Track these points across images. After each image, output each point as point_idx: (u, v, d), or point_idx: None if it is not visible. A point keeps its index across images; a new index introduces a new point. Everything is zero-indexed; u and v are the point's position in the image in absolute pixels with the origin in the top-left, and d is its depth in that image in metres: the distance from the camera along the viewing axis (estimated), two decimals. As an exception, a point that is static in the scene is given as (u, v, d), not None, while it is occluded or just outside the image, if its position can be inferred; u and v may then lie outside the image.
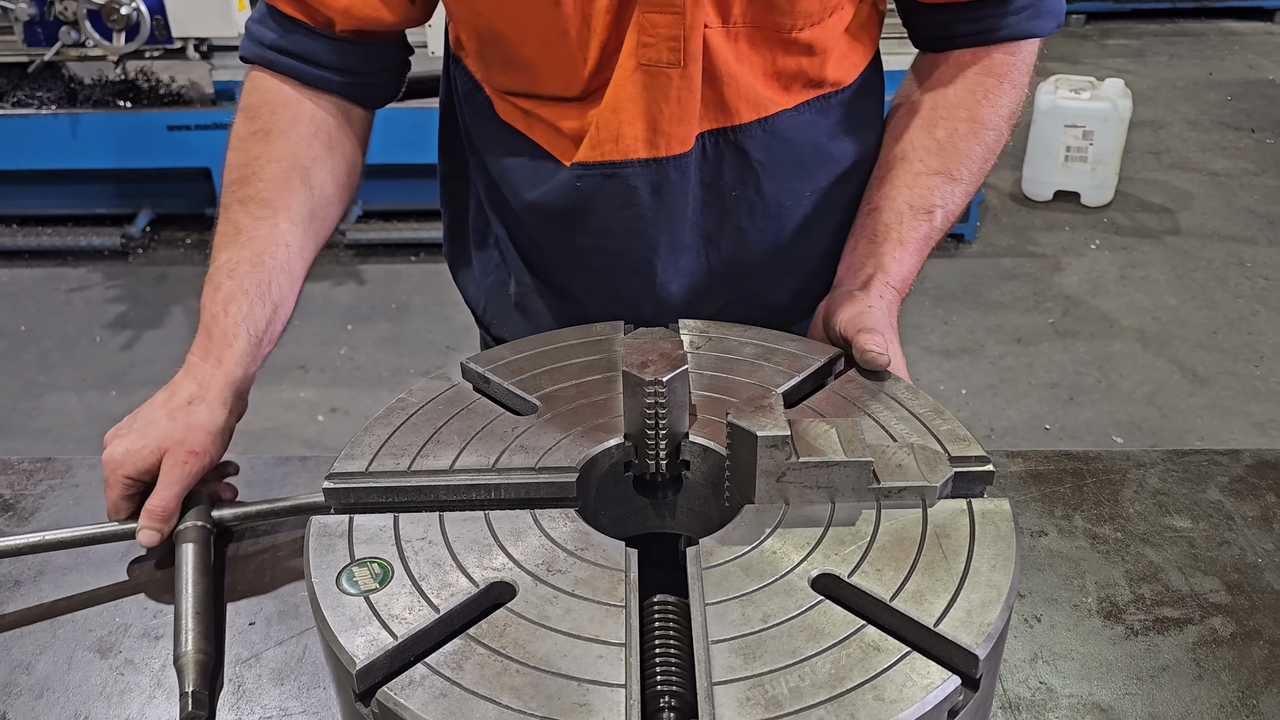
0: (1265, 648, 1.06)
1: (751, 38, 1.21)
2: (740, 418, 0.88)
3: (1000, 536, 0.85)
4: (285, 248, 1.24)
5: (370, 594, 0.81)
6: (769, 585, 0.81)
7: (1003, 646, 0.82)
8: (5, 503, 1.31)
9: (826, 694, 0.72)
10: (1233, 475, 1.32)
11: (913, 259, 1.26)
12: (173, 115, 4.72)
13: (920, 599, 0.79)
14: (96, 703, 1.03)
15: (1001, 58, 1.30)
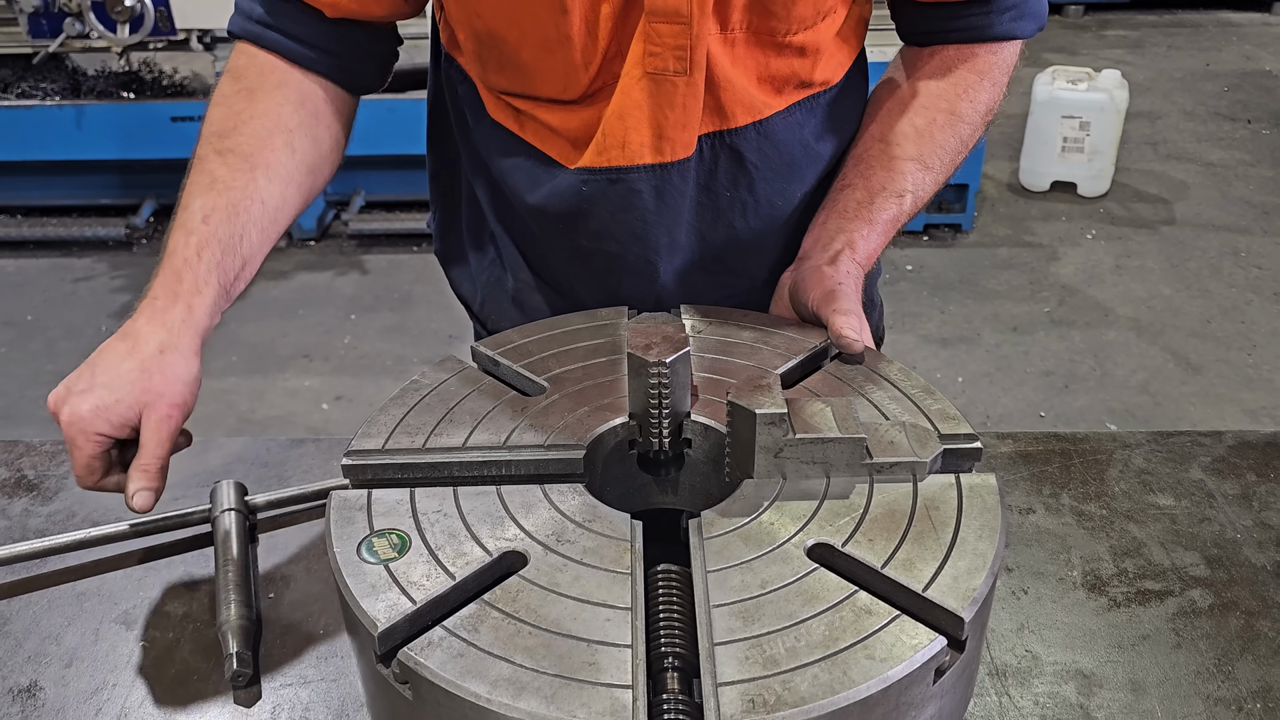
0: (1241, 618, 1.11)
1: (747, 42, 1.24)
2: (740, 397, 0.92)
3: (986, 508, 0.89)
4: (261, 204, 1.21)
5: (389, 563, 0.86)
6: (767, 554, 0.86)
7: (988, 611, 0.87)
8: (30, 484, 1.36)
9: (820, 653, 0.77)
10: (1215, 455, 1.36)
11: (880, 238, 1.29)
12: (176, 106, 4.75)
13: (909, 566, 0.84)
14: (123, 671, 1.08)
15: (985, 56, 1.33)
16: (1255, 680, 1.04)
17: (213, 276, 1.16)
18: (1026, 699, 1.03)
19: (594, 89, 1.25)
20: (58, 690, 1.06)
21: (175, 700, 1.04)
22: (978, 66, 1.33)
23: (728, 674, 0.75)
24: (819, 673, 0.75)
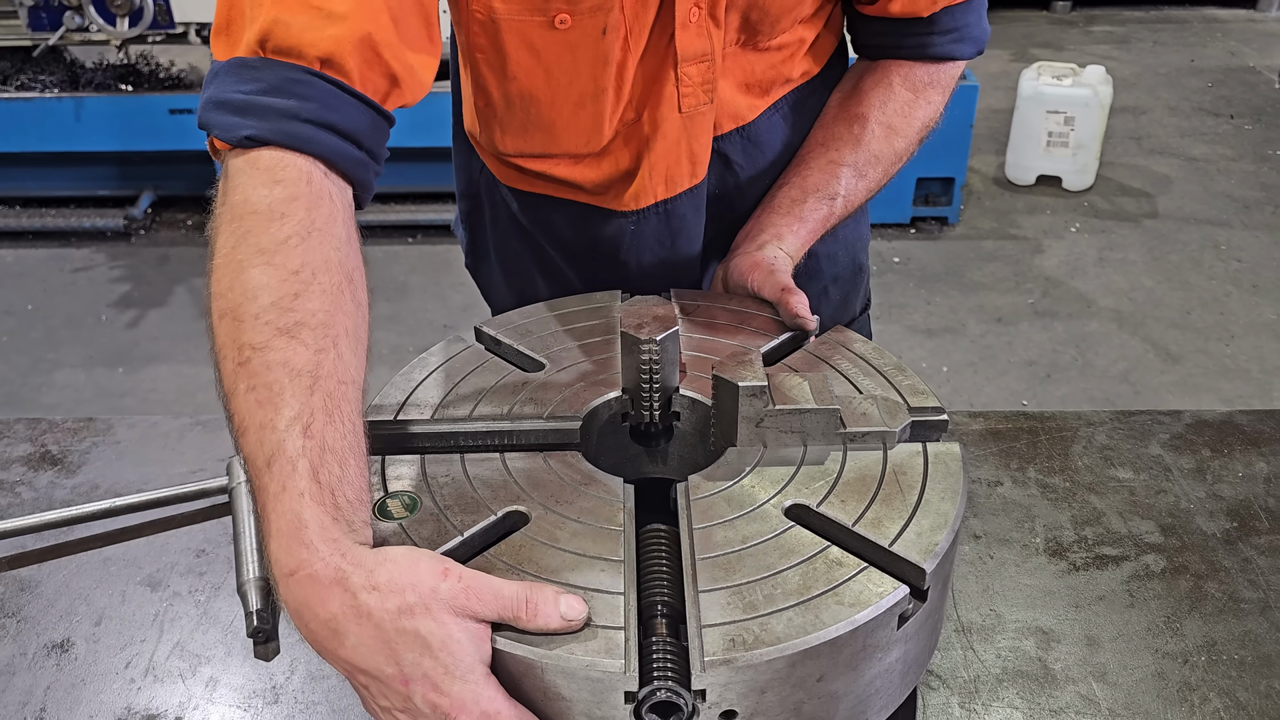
0: (1191, 580, 1.20)
1: (735, 55, 1.33)
2: (724, 371, 1.01)
3: (949, 473, 0.98)
4: (353, 385, 0.93)
5: (401, 521, 0.94)
6: (747, 513, 0.94)
7: (950, 565, 0.95)
8: (54, 458, 1.43)
9: (795, 600, 0.85)
10: (1173, 433, 1.45)
11: (808, 235, 1.36)
12: (175, 99, 4.81)
13: (878, 525, 0.92)
14: (149, 629, 1.16)
15: (924, 74, 1.41)
16: (1201, 636, 1.12)
17: (339, 494, 0.86)
18: (989, 653, 1.11)
19: (610, 138, 1.32)
20: (89, 646, 1.13)
21: (199, 655, 1.12)
22: (915, 84, 1.41)
23: (711, 617, 0.83)
24: (793, 616, 0.83)
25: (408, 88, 1.09)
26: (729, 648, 0.81)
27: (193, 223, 5.28)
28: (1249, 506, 1.31)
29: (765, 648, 0.81)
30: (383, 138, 1.09)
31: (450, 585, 0.81)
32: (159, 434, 1.48)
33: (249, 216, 0.95)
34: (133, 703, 1.07)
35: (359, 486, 0.87)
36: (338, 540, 0.83)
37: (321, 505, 0.83)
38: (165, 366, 4.13)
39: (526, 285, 1.58)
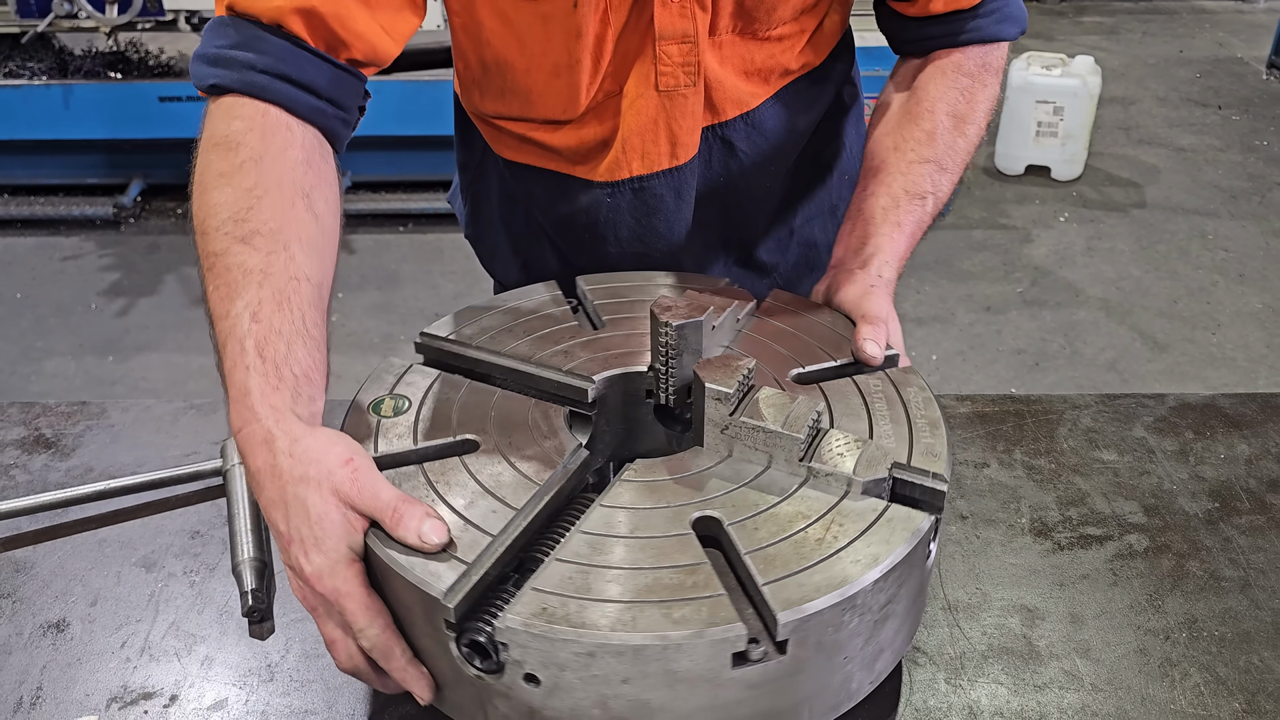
0: (1173, 559, 1.22)
1: (734, 44, 1.34)
2: (703, 368, 0.99)
3: (888, 541, 0.88)
4: (306, 281, 1.03)
5: (384, 419, 1.03)
6: (659, 509, 0.92)
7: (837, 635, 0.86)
8: (47, 441, 1.44)
9: (629, 598, 0.82)
10: (1157, 416, 1.47)
11: (907, 241, 1.32)
12: (164, 86, 4.80)
13: (769, 563, 0.86)
14: (145, 609, 1.17)
15: (976, 58, 1.40)
16: (1182, 613, 1.14)
17: (285, 368, 0.97)
18: (975, 630, 1.13)
19: (590, 107, 1.34)
20: (85, 626, 1.14)
21: (194, 634, 1.13)
22: (969, 69, 1.39)
23: (543, 583, 0.84)
24: (618, 613, 0.81)
25: (359, 50, 1.18)
26: (537, 614, 0.81)
27: (182, 211, 5.27)
28: (1230, 487, 1.33)
29: (566, 628, 0.80)
30: (348, 89, 1.19)
31: (344, 473, 0.91)
32: (152, 417, 1.49)
33: (213, 149, 1.10)
34: (129, 681, 1.08)
35: (307, 365, 0.98)
36: (277, 408, 0.94)
37: (264, 377, 0.95)
38: (155, 355, 4.13)
39: (534, 254, 1.60)
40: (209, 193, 1.07)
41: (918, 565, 0.92)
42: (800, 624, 0.83)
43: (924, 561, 0.94)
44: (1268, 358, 4.12)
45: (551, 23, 1.24)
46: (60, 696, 1.06)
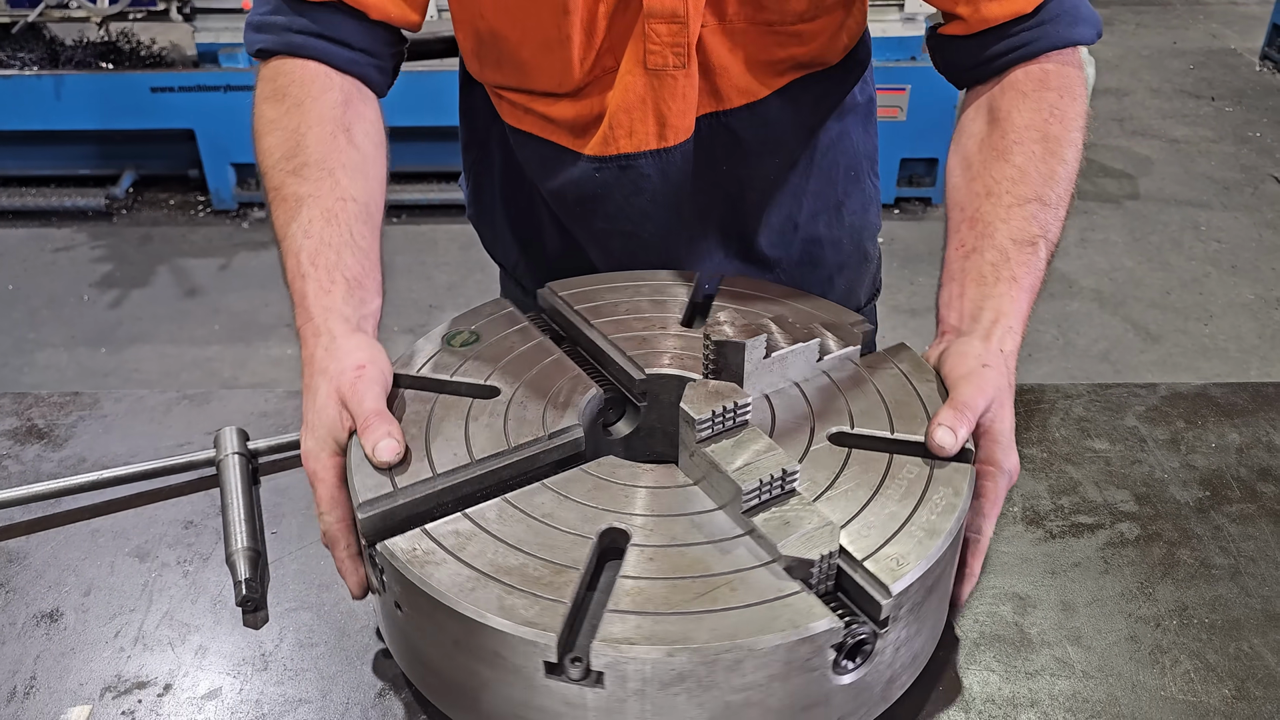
0: (1164, 547, 1.22)
1: (746, 33, 1.31)
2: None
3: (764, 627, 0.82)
4: (352, 201, 1.16)
5: (450, 348, 1.13)
6: (585, 506, 0.93)
7: (649, 689, 0.83)
8: (40, 431, 1.44)
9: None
10: (1149, 405, 1.47)
11: (1028, 296, 1.15)
12: (156, 77, 4.78)
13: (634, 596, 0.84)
14: (138, 599, 1.17)
15: (1053, 69, 1.24)
16: (1173, 601, 1.15)
17: (336, 273, 1.10)
18: (968, 617, 1.13)
19: (587, 82, 1.34)
20: (78, 616, 1.14)
21: (187, 624, 1.13)
22: (1049, 82, 1.23)
23: (433, 528, 0.91)
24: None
25: (377, 13, 1.28)
26: (407, 552, 0.88)
27: (175, 202, 5.26)
28: (1221, 476, 1.33)
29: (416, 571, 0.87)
30: (380, 39, 1.31)
31: (350, 376, 1.01)
32: (145, 408, 1.48)
33: (263, 102, 1.26)
34: (122, 671, 1.08)
35: (356, 270, 1.12)
36: (329, 308, 1.08)
37: (318, 282, 1.09)
38: (148, 346, 4.12)
39: (532, 235, 1.60)
40: (263, 139, 1.23)
41: (796, 669, 0.82)
42: (612, 663, 0.80)
43: (810, 671, 0.83)
44: (1259, 348, 4.13)
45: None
46: (54, 686, 1.06)
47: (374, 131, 1.27)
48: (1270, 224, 5.05)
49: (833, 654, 0.84)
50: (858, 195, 1.61)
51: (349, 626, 1.12)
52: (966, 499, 0.94)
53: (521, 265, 1.65)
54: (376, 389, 1.01)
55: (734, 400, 0.94)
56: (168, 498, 1.31)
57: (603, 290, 1.25)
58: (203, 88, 4.76)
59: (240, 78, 4.78)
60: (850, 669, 0.86)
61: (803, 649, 0.81)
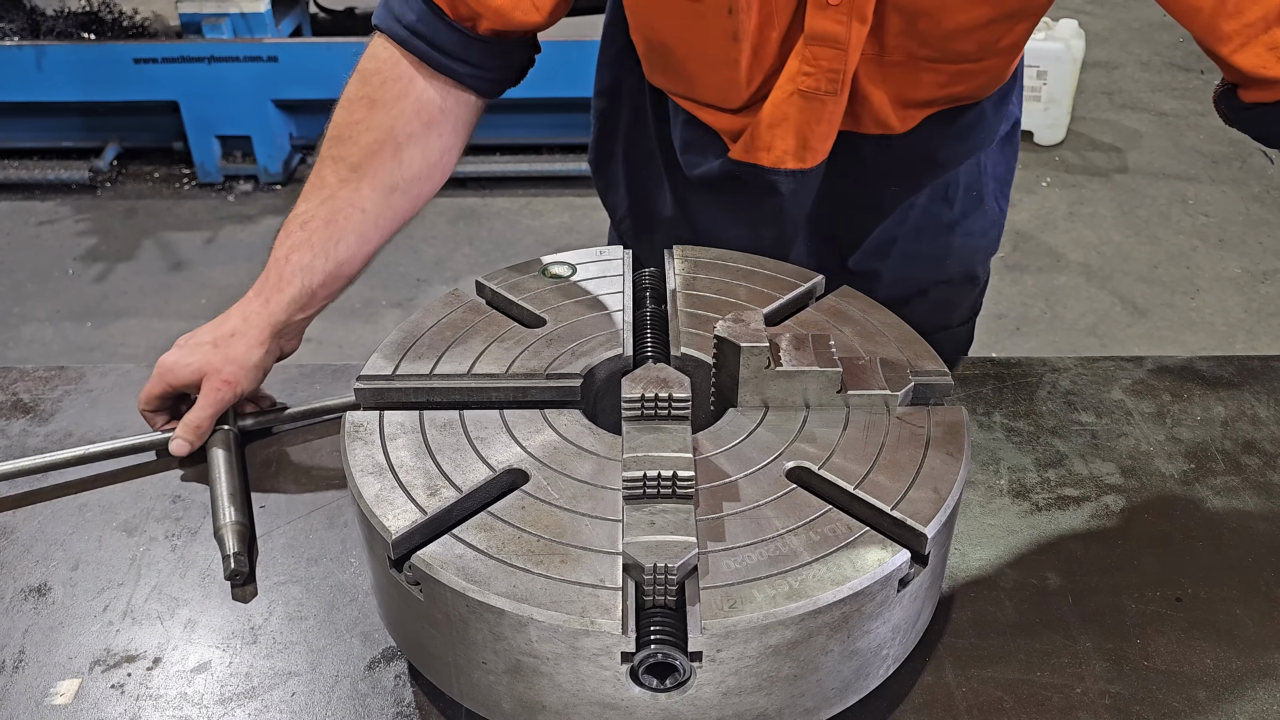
0: (1149, 519, 1.23)
1: (902, 66, 1.28)
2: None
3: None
4: (361, 213, 1.28)
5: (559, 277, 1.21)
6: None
7: (951, 529, 0.96)
8: (26, 406, 1.43)
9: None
10: (1135, 378, 1.48)
11: None
12: (139, 48, 4.72)
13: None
14: (126, 573, 1.17)
15: None
16: (1157, 571, 1.16)
17: (296, 278, 1.27)
18: (956, 595, 1.14)
19: (752, 101, 1.33)
20: (67, 590, 1.14)
21: (176, 598, 1.13)
22: None
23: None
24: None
25: (492, 21, 1.28)
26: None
27: (159, 175, 5.22)
28: (1206, 449, 1.34)
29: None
30: (485, 52, 1.31)
31: (190, 345, 1.30)
32: (131, 382, 1.48)
33: (356, 73, 1.32)
34: (111, 644, 1.08)
35: (320, 279, 1.28)
36: (269, 302, 1.28)
37: (278, 275, 1.28)
38: (134, 320, 4.10)
39: (644, 194, 1.60)
40: (337, 108, 1.32)
41: (584, 659, 0.85)
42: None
43: (599, 669, 0.85)
44: (1245, 322, 4.15)
45: (709, 23, 1.24)
46: (43, 660, 1.06)
47: (435, 148, 1.34)
48: (1257, 198, 5.06)
49: (622, 665, 0.82)
50: (977, 217, 1.57)
51: (338, 600, 1.12)
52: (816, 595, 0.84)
53: (628, 221, 1.65)
54: (179, 362, 1.29)
55: (670, 391, 0.94)
56: (155, 472, 1.31)
57: (714, 264, 1.26)
58: (186, 59, 4.70)
59: (224, 49, 4.73)
60: (653, 687, 0.83)
61: (587, 641, 0.81)
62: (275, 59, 4.72)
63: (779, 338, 1.03)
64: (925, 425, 1.00)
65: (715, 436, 0.99)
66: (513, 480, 0.95)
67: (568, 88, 4.88)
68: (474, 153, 5.16)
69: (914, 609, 0.93)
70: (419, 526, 0.89)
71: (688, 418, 0.94)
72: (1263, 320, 4.16)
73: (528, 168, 5.07)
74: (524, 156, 5.16)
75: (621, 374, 1.10)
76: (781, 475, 0.94)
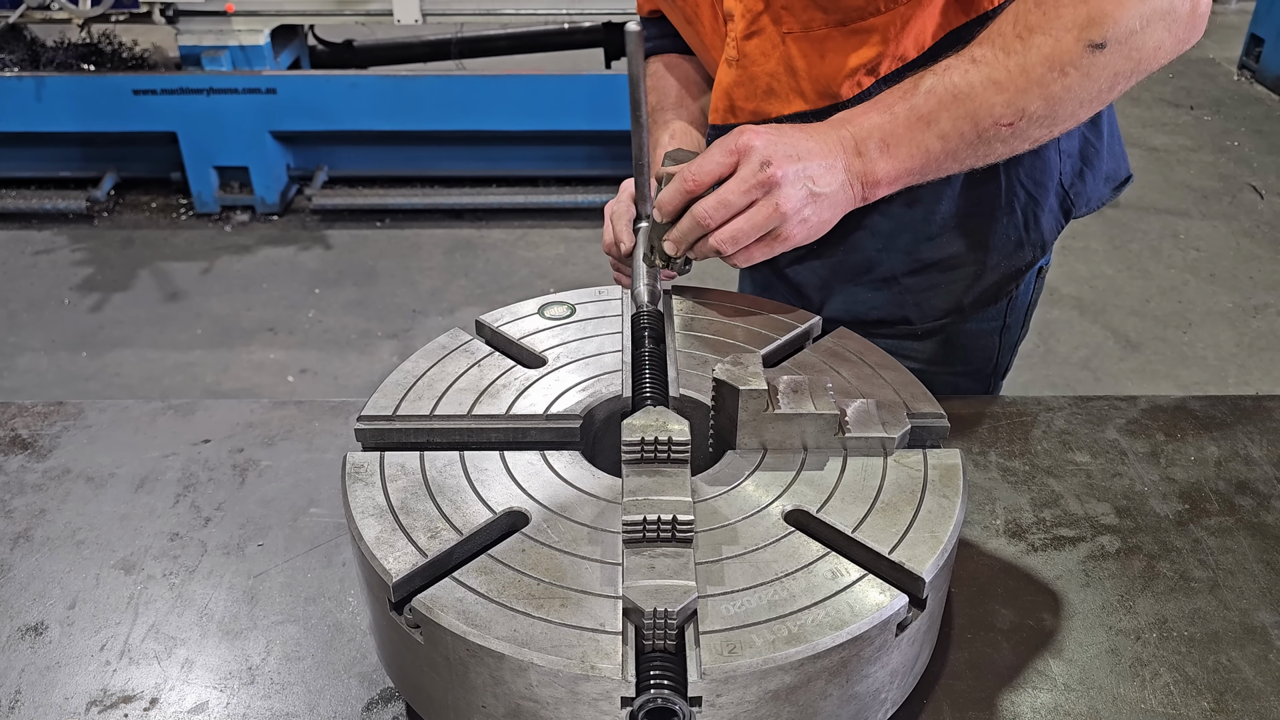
0: (1144, 560, 1.24)
1: (817, 36, 1.37)
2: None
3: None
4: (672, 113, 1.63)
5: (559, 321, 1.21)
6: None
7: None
8: (24, 442, 1.43)
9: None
10: (1129, 418, 1.49)
11: (879, 114, 1.22)
12: (139, 80, 4.75)
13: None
14: (124, 612, 1.16)
15: None
16: (1152, 614, 1.16)
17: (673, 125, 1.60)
18: (954, 632, 1.14)
19: None
20: (64, 629, 1.14)
21: (174, 637, 1.13)
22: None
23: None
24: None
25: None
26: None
27: (156, 205, 5.24)
28: (1200, 489, 1.35)
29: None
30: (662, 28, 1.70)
31: None
32: (130, 418, 1.48)
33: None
34: (108, 684, 1.07)
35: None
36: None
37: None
38: (129, 350, 4.10)
39: None
40: None
41: (583, 703, 0.84)
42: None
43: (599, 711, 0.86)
44: (1237, 356, 4.18)
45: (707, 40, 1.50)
46: (39, 700, 1.05)
47: (692, 88, 1.67)
48: (1248, 232, 5.11)
49: (622, 709, 0.81)
50: (1005, 223, 1.54)
51: (336, 640, 1.12)
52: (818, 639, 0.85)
53: None
54: (630, 204, 1.38)
55: (669, 435, 0.95)
56: (154, 510, 1.31)
57: (712, 305, 1.29)
58: (185, 90, 4.73)
59: (223, 80, 4.76)
60: None
61: (587, 686, 0.81)
62: (274, 91, 4.75)
63: (777, 380, 1.04)
64: (922, 468, 1.01)
65: (714, 479, 1.00)
66: (513, 522, 0.95)
67: (562, 121, 4.93)
68: (470, 184, 5.18)
69: (912, 652, 0.94)
70: (420, 569, 0.89)
71: (687, 461, 0.95)
72: (1254, 355, 4.18)
73: (524, 199, 5.10)
74: (520, 188, 5.19)
75: (621, 415, 1.11)
76: (780, 518, 0.95)
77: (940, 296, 1.63)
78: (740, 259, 1.20)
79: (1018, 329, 1.75)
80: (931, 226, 1.55)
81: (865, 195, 1.24)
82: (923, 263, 1.59)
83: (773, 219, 1.17)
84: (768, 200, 1.17)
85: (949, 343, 1.69)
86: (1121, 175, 1.75)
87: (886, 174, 1.22)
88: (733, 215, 1.17)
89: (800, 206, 1.18)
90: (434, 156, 5.11)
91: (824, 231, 1.24)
